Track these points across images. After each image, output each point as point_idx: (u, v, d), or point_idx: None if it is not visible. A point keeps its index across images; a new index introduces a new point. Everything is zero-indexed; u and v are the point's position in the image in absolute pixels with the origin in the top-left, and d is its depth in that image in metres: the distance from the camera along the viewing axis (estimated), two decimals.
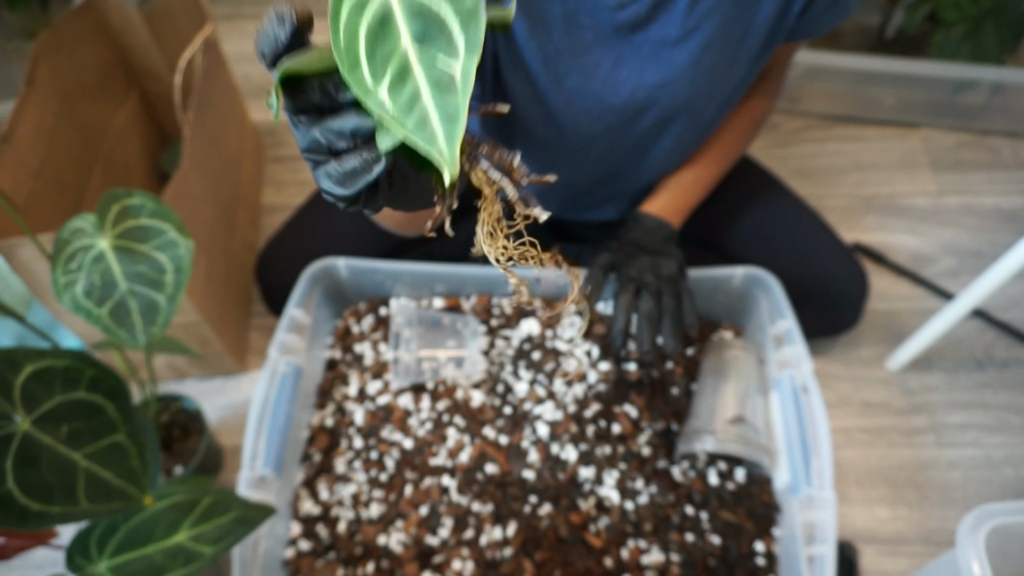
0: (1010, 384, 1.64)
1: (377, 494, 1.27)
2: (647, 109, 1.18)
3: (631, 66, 1.12)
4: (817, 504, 1.13)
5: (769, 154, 2.04)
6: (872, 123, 2.10)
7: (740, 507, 1.25)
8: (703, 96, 1.17)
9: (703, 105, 1.19)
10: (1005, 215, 1.90)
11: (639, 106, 1.17)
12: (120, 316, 0.99)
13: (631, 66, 1.12)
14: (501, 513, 1.23)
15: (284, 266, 1.55)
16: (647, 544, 1.21)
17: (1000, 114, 2.01)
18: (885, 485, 1.52)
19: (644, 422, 1.32)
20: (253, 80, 2.31)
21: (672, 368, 1.38)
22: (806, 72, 1.98)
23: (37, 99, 1.43)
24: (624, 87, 1.15)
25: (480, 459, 1.28)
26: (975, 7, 1.80)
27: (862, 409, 1.62)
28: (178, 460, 1.44)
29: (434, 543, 1.22)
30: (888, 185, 1.98)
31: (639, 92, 1.15)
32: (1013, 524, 1.05)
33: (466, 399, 1.35)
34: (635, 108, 1.17)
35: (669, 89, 1.14)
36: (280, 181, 2.07)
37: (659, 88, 1.14)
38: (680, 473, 1.28)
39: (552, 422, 1.31)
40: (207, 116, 1.60)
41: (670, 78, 1.13)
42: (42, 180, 1.41)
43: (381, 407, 1.36)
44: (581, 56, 1.11)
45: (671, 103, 1.16)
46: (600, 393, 1.34)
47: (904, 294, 1.78)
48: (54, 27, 1.50)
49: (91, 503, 0.79)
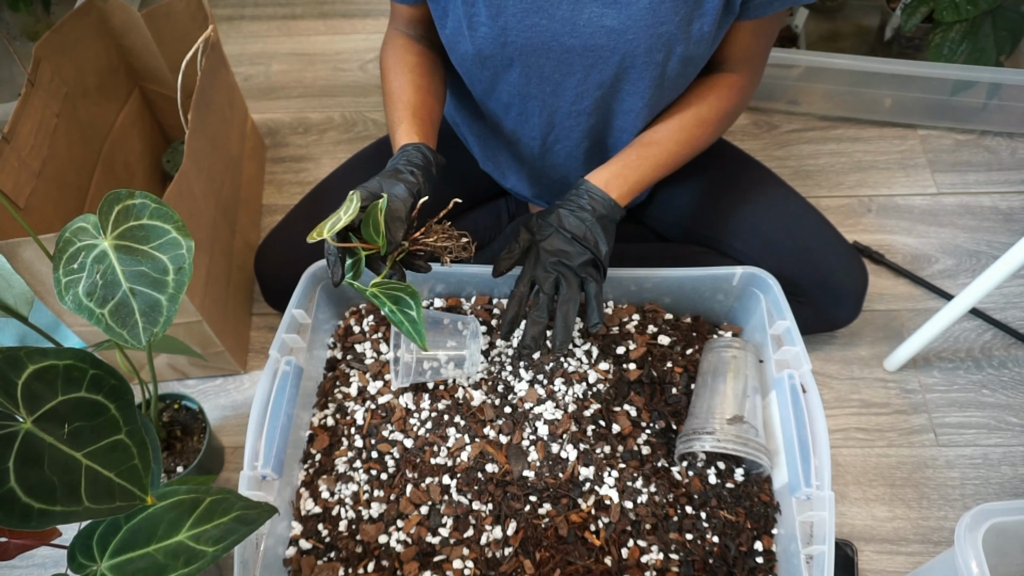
0: (1008, 384, 1.64)
1: (378, 493, 1.27)
2: (606, 57, 1.18)
3: (591, 10, 1.14)
4: (816, 503, 1.14)
5: (768, 154, 2.04)
6: (870, 124, 2.11)
7: (739, 506, 1.25)
8: (662, 47, 1.16)
9: (663, 58, 1.18)
10: (1003, 215, 1.91)
11: (598, 51, 1.18)
12: (122, 316, 0.98)
13: (591, 10, 1.14)
14: (501, 512, 1.24)
15: (282, 257, 1.55)
16: (647, 543, 1.21)
17: (998, 115, 2.01)
18: (883, 484, 1.53)
19: (644, 421, 1.33)
20: (254, 81, 2.32)
21: (671, 367, 1.38)
22: (805, 73, 1.98)
23: (39, 100, 1.43)
24: (584, 30, 1.15)
25: (480, 458, 1.29)
26: (973, 8, 1.81)
27: (860, 408, 1.62)
28: (179, 460, 1.45)
29: (434, 542, 1.22)
30: (886, 185, 1.98)
31: (598, 36, 1.16)
32: (1011, 523, 1.06)
33: (466, 399, 1.35)
34: (594, 54, 1.18)
35: (628, 35, 1.14)
36: (281, 181, 2.07)
37: (618, 34, 1.14)
38: (679, 472, 1.28)
39: (552, 421, 1.31)
40: (208, 117, 1.60)
41: (628, 24, 1.13)
42: (44, 180, 1.42)
43: (382, 407, 1.36)
44: None
45: (629, 50, 1.16)
46: (600, 392, 1.35)
47: (902, 294, 1.79)
48: (56, 28, 1.50)
49: (93, 502, 0.79)
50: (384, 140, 1.64)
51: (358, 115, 2.23)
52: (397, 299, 1.06)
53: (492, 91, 1.32)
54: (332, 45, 2.43)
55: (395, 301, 1.06)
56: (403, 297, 1.06)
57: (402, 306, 1.06)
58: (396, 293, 1.06)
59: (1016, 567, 1.15)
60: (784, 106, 2.12)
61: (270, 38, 2.46)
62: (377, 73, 2.33)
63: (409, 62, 1.32)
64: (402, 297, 1.06)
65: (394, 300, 1.06)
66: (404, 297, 1.06)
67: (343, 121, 2.21)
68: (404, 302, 1.06)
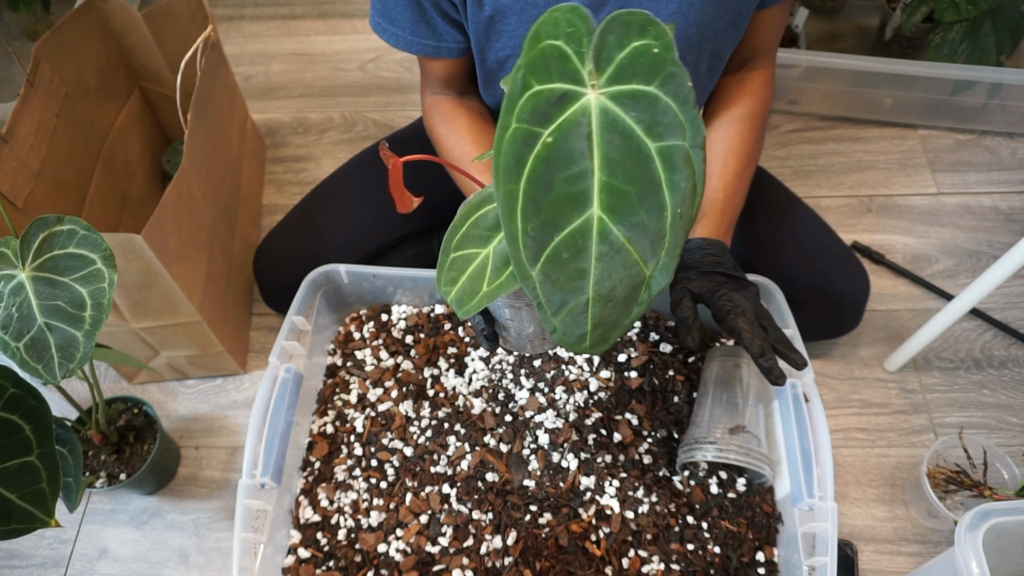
0: (1008, 384, 1.65)
1: (377, 502, 1.27)
2: None
3: (612, 7, 1.11)
4: (818, 514, 1.14)
5: (768, 155, 2.04)
6: (871, 124, 2.10)
7: (741, 517, 1.25)
8: (692, 48, 1.16)
9: (694, 58, 1.18)
10: (1003, 215, 1.91)
11: None
12: (37, 351, 0.96)
13: (612, 7, 1.11)
14: (501, 522, 1.24)
15: (281, 257, 1.56)
16: (648, 553, 1.21)
17: (998, 114, 2.01)
18: (883, 484, 1.53)
19: (645, 430, 1.32)
20: (254, 80, 2.31)
21: (673, 375, 1.38)
22: (805, 73, 1.98)
23: (38, 100, 1.43)
24: None
25: (480, 467, 1.29)
26: (973, 8, 1.80)
27: (861, 409, 1.63)
28: (125, 467, 1.44)
29: (434, 551, 1.22)
30: (886, 185, 1.98)
31: None
32: (1011, 523, 1.06)
33: (467, 407, 1.35)
34: None
35: None
36: (280, 181, 2.07)
37: None
38: (681, 482, 1.28)
39: (553, 430, 1.31)
40: (208, 116, 1.60)
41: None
42: (43, 181, 1.41)
43: (382, 414, 1.36)
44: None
45: None
46: (601, 401, 1.34)
47: (902, 294, 1.79)
48: (56, 28, 1.50)
49: None
50: (384, 141, 1.63)
51: (358, 115, 2.22)
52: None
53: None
54: (332, 45, 2.43)
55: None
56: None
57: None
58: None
59: (1016, 567, 1.15)
60: (784, 106, 2.12)
61: (270, 38, 2.46)
62: (377, 73, 2.33)
63: (462, 124, 1.30)
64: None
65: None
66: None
67: (343, 121, 2.21)
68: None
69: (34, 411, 0.85)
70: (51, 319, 0.96)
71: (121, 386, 1.72)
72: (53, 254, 0.97)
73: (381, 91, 2.29)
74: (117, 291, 1.37)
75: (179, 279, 1.38)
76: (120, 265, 1.29)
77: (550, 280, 0.65)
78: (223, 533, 1.52)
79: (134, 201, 1.78)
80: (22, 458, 0.83)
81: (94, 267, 0.97)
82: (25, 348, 0.96)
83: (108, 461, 1.45)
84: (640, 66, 0.58)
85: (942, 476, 1.44)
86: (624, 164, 0.61)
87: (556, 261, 0.64)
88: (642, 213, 0.62)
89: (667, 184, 0.61)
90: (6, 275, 0.98)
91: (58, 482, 0.85)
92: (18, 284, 0.97)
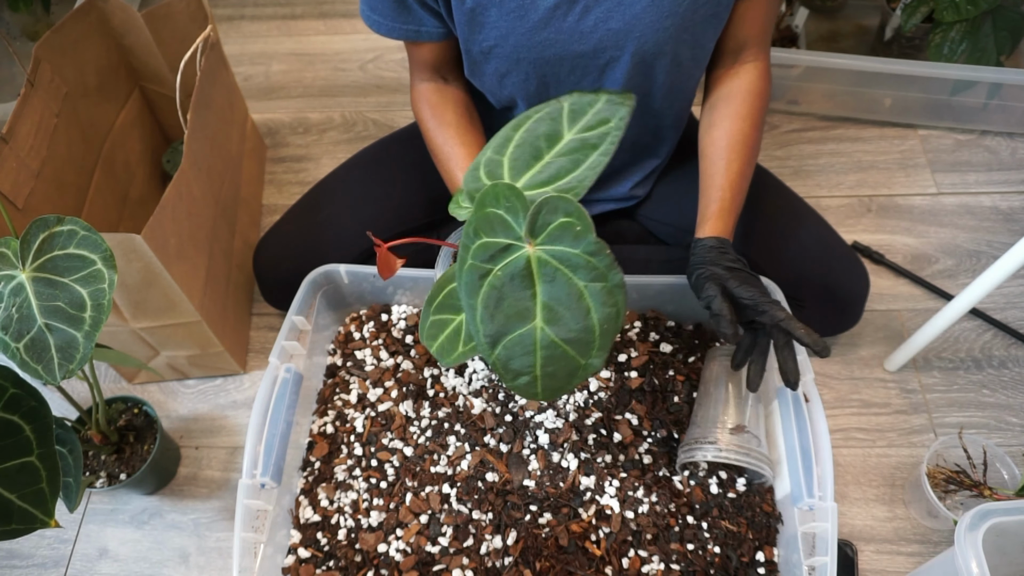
0: (1008, 384, 1.65)
1: (377, 502, 1.27)
2: (617, 57, 1.19)
3: (596, 15, 1.15)
4: (818, 514, 1.13)
5: (768, 155, 2.04)
6: (871, 124, 2.10)
7: (741, 517, 1.25)
8: (669, 39, 1.17)
9: (672, 48, 1.19)
10: (1003, 215, 1.91)
11: (608, 53, 1.19)
12: (37, 351, 0.96)
13: (596, 15, 1.15)
14: (501, 522, 1.24)
15: (280, 254, 1.56)
16: (648, 553, 1.21)
17: (998, 114, 2.01)
18: (883, 484, 1.53)
19: (645, 430, 1.32)
20: (253, 81, 2.32)
21: (673, 375, 1.38)
22: (805, 73, 1.98)
23: (39, 100, 1.43)
24: (591, 36, 1.17)
25: (480, 467, 1.29)
26: (973, 8, 1.80)
27: (861, 408, 1.63)
28: (125, 467, 1.44)
29: (434, 551, 1.22)
30: (886, 185, 1.98)
31: (606, 39, 1.17)
32: (1011, 523, 1.06)
33: (467, 407, 1.35)
34: (605, 55, 1.19)
35: (635, 34, 1.15)
36: (280, 181, 2.07)
37: (624, 34, 1.16)
38: (681, 482, 1.28)
39: (553, 430, 1.31)
40: (208, 116, 1.60)
41: (633, 23, 1.14)
42: (43, 181, 1.42)
43: (382, 414, 1.36)
44: (549, 6, 1.14)
45: (638, 47, 1.17)
46: (601, 401, 1.34)
47: (902, 294, 1.79)
48: (56, 28, 1.50)
49: None
50: (384, 140, 1.64)
51: (358, 115, 2.22)
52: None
53: (516, 103, 1.33)
54: (332, 45, 2.43)
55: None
56: None
57: None
58: None
59: (1016, 567, 1.16)
60: (784, 106, 2.12)
61: (270, 38, 2.46)
62: (377, 73, 2.33)
63: (448, 119, 1.33)
64: None
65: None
66: None
67: (343, 121, 2.21)
68: None
69: (34, 411, 0.85)
70: (51, 320, 0.96)
71: (121, 386, 1.72)
72: (53, 255, 0.97)
73: (381, 91, 2.29)
74: (117, 291, 1.37)
75: (179, 279, 1.38)
76: (120, 265, 1.29)
77: (503, 362, 0.84)
78: (223, 533, 1.52)
79: (134, 201, 1.78)
80: (22, 458, 0.83)
81: (94, 268, 0.97)
82: (25, 349, 0.96)
83: (108, 461, 1.45)
84: (567, 235, 0.77)
85: (942, 476, 1.44)
86: (559, 294, 0.80)
87: (509, 351, 0.83)
88: (575, 328, 0.81)
89: (595, 309, 0.79)
90: (6, 275, 0.98)
91: (58, 482, 0.85)
92: (18, 285, 0.97)
